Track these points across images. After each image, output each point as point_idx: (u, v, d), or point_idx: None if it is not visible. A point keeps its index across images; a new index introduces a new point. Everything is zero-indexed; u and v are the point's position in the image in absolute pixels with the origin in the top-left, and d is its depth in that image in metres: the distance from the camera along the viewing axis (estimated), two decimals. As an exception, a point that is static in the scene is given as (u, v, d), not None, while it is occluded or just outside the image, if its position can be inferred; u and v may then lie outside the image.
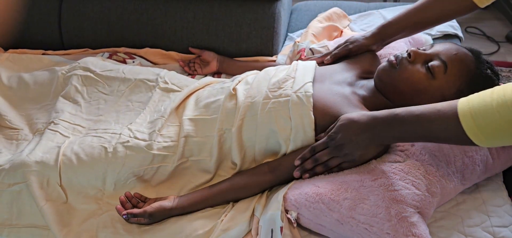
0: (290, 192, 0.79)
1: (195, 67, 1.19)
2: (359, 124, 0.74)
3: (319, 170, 0.78)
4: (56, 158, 0.84)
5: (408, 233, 0.70)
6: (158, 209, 0.80)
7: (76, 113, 0.97)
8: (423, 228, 0.72)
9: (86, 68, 1.04)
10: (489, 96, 0.61)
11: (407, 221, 0.71)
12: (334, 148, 0.76)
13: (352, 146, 0.75)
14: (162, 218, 0.81)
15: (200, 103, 0.92)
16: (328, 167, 0.78)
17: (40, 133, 0.93)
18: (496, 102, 0.60)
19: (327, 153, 0.77)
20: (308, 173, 0.79)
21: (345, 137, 0.74)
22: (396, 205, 0.73)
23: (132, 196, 0.83)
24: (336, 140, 0.75)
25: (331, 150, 0.76)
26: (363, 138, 0.74)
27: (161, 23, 1.23)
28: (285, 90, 0.84)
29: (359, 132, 0.74)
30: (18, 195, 0.83)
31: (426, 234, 0.72)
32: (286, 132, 0.82)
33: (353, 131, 0.74)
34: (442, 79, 0.82)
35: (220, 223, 0.78)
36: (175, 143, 0.87)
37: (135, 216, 0.79)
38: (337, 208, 0.75)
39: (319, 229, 0.78)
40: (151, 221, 0.81)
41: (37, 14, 1.28)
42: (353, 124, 0.74)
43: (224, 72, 1.18)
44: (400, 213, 0.72)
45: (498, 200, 0.84)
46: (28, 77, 1.07)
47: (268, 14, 1.19)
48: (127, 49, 1.24)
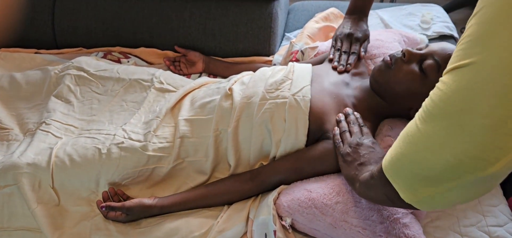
0: (282, 198, 0.79)
1: (181, 66, 1.18)
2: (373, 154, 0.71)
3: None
4: (48, 160, 0.83)
5: (401, 235, 0.71)
6: (137, 204, 0.80)
7: (68, 112, 0.96)
8: (416, 229, 0.72)
9: (79, 67, 1.03)
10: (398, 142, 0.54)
11: (399, 223, 0.72)
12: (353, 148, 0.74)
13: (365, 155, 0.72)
14: (140, 215, 0.81)
15: (195, 103, 0.91)
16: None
17: (31, 134, 0.92)
18: (400, 143, 0.54)
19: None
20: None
21: (365, 145, 0.73)
22: (387, 207, 0.73)
23: (115, 192, 0.83)
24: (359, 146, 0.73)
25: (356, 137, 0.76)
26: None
27: (157, 22, 1.22)
28: (283, 92, 0.84)
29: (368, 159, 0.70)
30: (9, 198, 0.82)
31: (419, 234, 0.72)
32: (279, 134, 0.82)
33: (371, 149, 0.72)
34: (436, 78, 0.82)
35: (216, 225, 0.78)
36: (171, 144, 0.86)
37: (113, 209, 0.79)
38: (330, 212, 0.75)
39: (314, 233, 0.79)
40: (129, 217, 0.80)
41: (31, 13, 1.26)
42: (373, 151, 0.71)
43: (211, 73, 1.17)
44: (392, 215, 0.72)
45: (494, 200, 0.85)
46: (20, 77, 1.05)
47: (265, 14, 1.19)
48: (122, 49, 1.23)
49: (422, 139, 0.50)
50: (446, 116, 0.47)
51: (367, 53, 1.01)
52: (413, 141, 0.51)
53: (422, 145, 0.50)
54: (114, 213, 0.80)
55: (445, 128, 0.47)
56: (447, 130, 0.46)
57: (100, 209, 0.80)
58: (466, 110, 0.45)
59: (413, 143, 0.51)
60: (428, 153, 0.49)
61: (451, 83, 0.47)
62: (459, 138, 0.45)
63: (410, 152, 0.52)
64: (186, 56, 1.18)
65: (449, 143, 0.46)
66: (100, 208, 0.80)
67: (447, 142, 0.46)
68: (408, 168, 0.52)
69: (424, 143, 0.49)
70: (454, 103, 0.46)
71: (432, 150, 0.48)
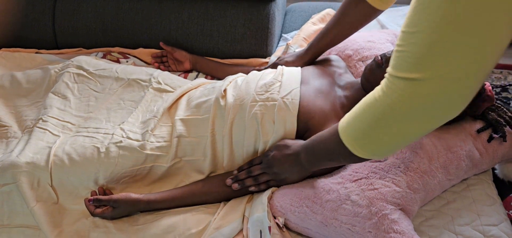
0: (275, 198, 0.80)
1: (169, 63, 1.19)
2: (290, 148, 0.78)
3: (249, 182, 0.82)
4: (47, 159, 0.84)
5: (390, 230, 0.71)
6: (124, 197, 0.81)
7: (64, 108, 0.96)
8: (405, 224, 0.73)
9: (79, 66, 1.04)
10: (360, 102, 0.59)
11: (388, 219, 0.73)
12: (266, 164, 0.80)
13: (280, 167, 0.79)
14: (127, 209, 0.82)
15: (191, 103, 0.92)
16: (257, 182, 0.82)
17: (28, 131, 0.92)
18: (358, 108, 0.59)
19: (260, 168, 0.81)
20: (239, 183, 0.82)
21: (275, 156, 0.79)
22: (376, 203, 0.74)
23: (103, 191, 0.84)
24: (269, 157, 0.80)
25: (264, 166, 0.81)
26: (289, 161, 0.78)
27: (155, 23, 1.23)
28: (272, 94, 0.85)
29: (288, 154, 0.78)
30: (8, 196, 0.83)
31: (408, 230, 0.72)
32: (267, 135, 0.83)
33: (284, 152, 0.78)
34: None
35: (213, 221, 0.79)
36: (168, 143, 0.87)
37: (100, 202, 0.80)
38: (321, 211, 0.76)
39: (307, 232, 0.80)
40: (116, 212, 0.81)
41: (31, 13, 1.27)
42: (286, 147, 0.79)
43: (199, 72, 1.18)
44: (380, 211, 0.73)
45: (488, 199, 0.85)
46: (21, 76, 1.06)
47: (263, 15, 1.20)
48: (121, 49, 1.24)
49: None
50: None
51: (359, 55, 1.02)
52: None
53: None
54: (100, 210, 0.81)
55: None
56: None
57: (88, 206, 0.81)
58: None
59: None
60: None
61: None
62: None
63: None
64: (173, 54, 1.19)
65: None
66: (87, 205, 0.81)
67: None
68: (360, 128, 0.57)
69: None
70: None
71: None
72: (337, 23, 0.94)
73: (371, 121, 0.55)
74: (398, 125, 0.53)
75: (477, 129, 0.88)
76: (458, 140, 0.86)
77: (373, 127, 0.55)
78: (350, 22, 0.93)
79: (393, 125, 0.53)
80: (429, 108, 0.49)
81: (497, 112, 0.88)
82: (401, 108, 0.50)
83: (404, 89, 0.49)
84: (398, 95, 0.50)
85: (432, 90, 0.47)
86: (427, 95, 0.47)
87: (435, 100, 0.47)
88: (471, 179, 0.89)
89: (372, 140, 0.57)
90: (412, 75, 0.47)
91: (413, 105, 0.49)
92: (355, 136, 0.58)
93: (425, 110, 0.49)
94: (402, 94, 0.49)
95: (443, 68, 0.45)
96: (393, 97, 0.50)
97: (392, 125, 0.53)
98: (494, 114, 0.88)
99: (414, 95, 0.48)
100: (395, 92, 0.50)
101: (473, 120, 0.91)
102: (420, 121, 0.51)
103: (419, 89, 0.47)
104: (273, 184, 0.82)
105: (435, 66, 0.45)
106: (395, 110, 0.51)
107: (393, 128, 0.53)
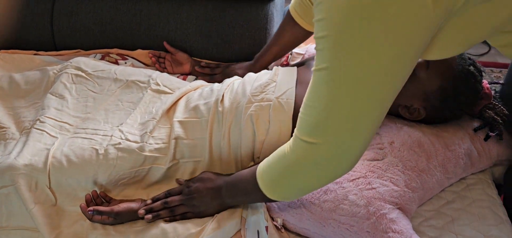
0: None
1: (166, 64, 1.19)
2: (213, 181, 0.79)
3: (164, 214, 0.80)
4: (45, 161, 0.84)
5: (388, 230, 0.71)
6: (125, 209, 0.80)
7: (62, 108, 0.96)
8: (403, 224, 0.73)
9: (77, 67, 1.04)
10: (276, 151, 0.67)
11: (386, 218, 0.72)
12: (187, 196, 0.79)
13: (201, 199, 0.78)
14: (128, 219, 0.81)
15: (189, 105, 0.92)
16: (173, 213, 0.79)
17: (26, 132, 0.92)
18: (272, 158, 0.67)
19: (179, 199, 0.79)
20: (153, 215, 0.80)
21: (198, 189, 0.78)
22: (374, 203, 0.74)
23: (97, 195, 0.83)
24: (191, 189, 0.79)
25: (183, 197, 0.79)
26: (211, 194, 0.78)
27: (154, 24, 1.23)
28: (267, 94, 0.85)
29: (210, 188, 0.78)
30: (6, 198, 0.83)
31: (406, 229, 0.72)
32: (262, 135, 0.83)
33: (207, 185, 0.78)
34: (424, 75, 0.83)
35: (212, 222, 0.79)
36: (167, 145, 0.87)
37: (100, 213, 0.79)
38: (318, 211, 0.76)
39: (305, 232, 0.80)
40: (117, 221, 0.81)
41: (30, 14, 1.27)
42: (209, 180, 0.79)
43: (197, 76, 1.18)
44: (378, 211, 0.73)
45: (488, 199, 0.85)
46: (19, 77, 1.06)
47: (261, 15, 1.20)
48: (119, 50, 1.24)
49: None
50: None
51: None
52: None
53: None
54: (100, 217, 0.80)
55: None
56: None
57: (86, 213, 0.80)
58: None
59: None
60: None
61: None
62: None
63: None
64: (174, 55, 1.19)
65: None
66: (85, 212, 0.80)
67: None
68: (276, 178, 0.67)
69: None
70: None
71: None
72: (276, 43, 1.05)
73: (281, 171, 0.65)
74: (300, 177, 0.63)
75: (474, 128, 0.88)
76: (456, 139, 0.86)
77: (282, 177, 0.65)
78: (288, 42, 1.04)
79: (296, 177, 0.63)
80: (323, 167, 0.59)
81: (494, 110, 0.88)
82: (302, 164, 0.61)
83: (304, 150, 0.59)
84: (299, 154, 0.60)
85: (324, 153, 0.57)
86: (321, 156, 0.58)
87: (328, 161, 0.58)
88: (470, 178, 0.89)
89: (281, 187, 0.67)
90: (310, 139, 0.57)
91: (310, 163, 0.60)
92: (268, 182, 0.67)
93: (320, 168, 0.60)
94: (302, 154, 0.59)
95: (332, 136, 0.55)
96: (296, 154, 0.61)
97: (296, 177, 0.63)
98: (492, 112, 0.87)
99: (311, 156, 0.59)
100: (298, 151, 0.60)
101: (471, 119, 0.91)
102: (317, 176, 0.62)
103: (315, 151, 0.58)
104: (190, 216, 0.79)
105: (326, 134, 0.56)
106: (297, 166, 0.61)
107: (297, 179, 0.64)
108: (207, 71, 1.16)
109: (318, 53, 0.52)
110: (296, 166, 0.61)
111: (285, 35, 1.02)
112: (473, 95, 0.85)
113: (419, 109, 0.86)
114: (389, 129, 0.86)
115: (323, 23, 0.49)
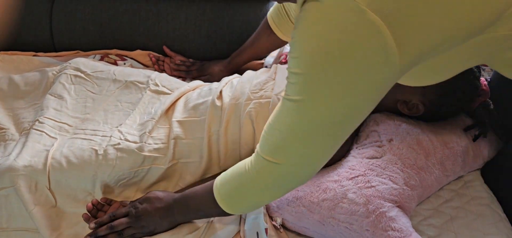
0: None
1: (165, 67, 1.19)
2: (161, 200, 0.78)
3: (112, 237, 0.77)
4: (44, 162, 0.84)
5: (387, 228, 0.71)
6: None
7: (61, 109, 0.96)
8: (403, 221, 0.73)
9: (76, 68, 1.04)
10: (235, 166, 0.70)
11: (385, 216, 0.72)
12: (134, 217, 0.77)
13: (149, 219, 0.77)
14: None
15: (188, 105, 0.92)
16: (122, 236, 0.77)
17: (26, 133, 0.92)
18: (234, 171, 0.70)
19: (126, 222, 0.77)
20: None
21: (146, 209, 0.77)
22: (373, 201, 0.74)
23: (97, 202, 0.83)
24: (138, 210, 0.77)
25: (131, 219, 0.77)
26: (160, 214, 0.77)
27: (153, 25, 1.23)
28: (266, 92, 0.86)
29: (159, 208, 0.77)
30: (6, 199, 0.83)
31: (406, 227, 0.72)
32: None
33: (156, 205, 0.77)
34: None
35: (210, 224, 0.79)
36: (166, 145, 0.87)
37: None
38: (318, 210, 0.76)
39: (304, 231, 0.80)
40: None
41: (29, 15, 1.27)
42: (157, 200, 0.78)
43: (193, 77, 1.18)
44: (378, 209, 0.73)
45: (487, 197, 0.85)
46: (18, 78, 1.06)
47: (259, 15, 1.20)
48: (118, 51, 1.24)
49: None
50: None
51: None
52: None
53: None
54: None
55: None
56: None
57: (86, 221, 0.79)
58: None
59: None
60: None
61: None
62: None
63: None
64: (174, 59, 1.19)
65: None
66: (89, 224, 0.78)
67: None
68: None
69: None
70: None
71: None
72: (252, 46, 1.09)
73: (239, 186, 0.68)
74: (258, 192, 0.67)
75: (464, 127, 0.89)
76: (454, 137, 0.86)
77: (240, 192, 0.69)
78: (264, 48, 1.09)
79: (254, 192, 0.67)
80: (281, 183, 0.65)
81: (488, 109, 0.87)
82: (261, 180, 0.65)
83: (265, 167, 0.63)
84: (260, 171, 0.64)
85: (284, 172, 0.62)
86: (280, 174, 0.63)
87: (286, 178, 0.64)
88: (468, 175, 0.90)
89: (239, 201, 0.70)
90: (272, 159, 0.62)
91: (271, 180, 0.64)
92: (226, 197, 0.70)
93: (278, 184, 0.65)
94: (263, 171, 0.64)
95: (293, 158, 0.61)
96: (257, 171, 0.64)
97: (254, 191, 0.67)
98: (486, 111, 0.87)
99: (272, 173, 0.63)
100: (259, 168, 0.64)
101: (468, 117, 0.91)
102: (274, 191, 0.67)
103: (276, 170, 0.62)
104: (139, 236, 0.77)
105: (288, 156, 0.61)
106: (257, 181, 0.65)
107: (255, 194, 0.68)
108: (183, 68, 1.18)
109: (290, 85, 0.57)
110: (256, 182, 0.66)
111: (261, 40, 1.07)
112: (471, 91, 0.86)
113: (418, 105, 0.86)
114: (387, 127, 0.86)
115: (296, 61, 0.54)
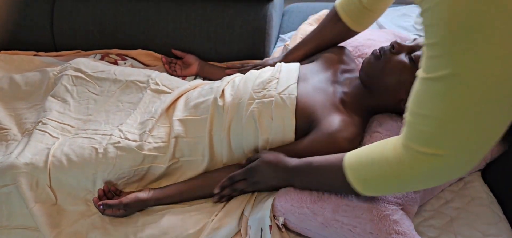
0: (276, 198, 0.80)
1: (176, 68, 1.19)
2: (278, 169, 0.79)
3: (235, 195, 0.83)
4: (45, 160, 0.84)
5: (391, 231, 0.71)
6: (133, 200, 0.82)
7: (64, 111, 0.97)
8: (406, 225, 0.73)
9: (77, 68, 1.05)
10: (370, 150, 0.67)
11: (389, 219, 0.72)
12: (251, 182, 0.81)
13: (264, 183, 0.81)
14: (137, 209, 0.83)
15: (189, 104, 0.92)
16: (242, 193, 0.83)
17: (28, 133, 0.93)
18: (371, 158, 0.66)
19: (244, 184, 0.82)
20: (225, 198, 0.83)
21: (263, 175, 0.80)
22: (377, 204, 0.73)
23: (109, 189, 0.84)
24: (255, 177, 0.80)
25: (248, 183, 0.81)
26: (277, 180, 0.80)
27: (153, 24, 1.23)
28: (269, 91, 0.85)
29: (276, 176, 0.79)
30: (7, 197, 0.83)
31: (410, 230, 0.72)
32: (266, 133, 0.83)
33: (271, 173, 0.79)
34: None
35: (211, 222, 0.79)
36: (166, 144, 0.87)
37: (110, 207, 0.81)
38: (321, 212, 0.75)
39: (306, 233, 0.79)
40: (127, 212, 0.82)
41: (29, 15, 1.28)
42: (273, 167, 0.79)
43: (205, 76, 1.18)
44: (381, 212, 0.73)
45: (486, 197, 0.85)
46: (19, 78, 1.06)
47: (260, 16, 1.20)
48: (119, 51, 1.24)
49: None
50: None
51: (358, 52, 1.02)
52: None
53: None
54: (111, 210, 0.81)
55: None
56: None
57: (97, 207, 0.81)
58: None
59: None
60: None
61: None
62: None
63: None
64: (184, 58, 1.19)
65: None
66: (97, 206, 0.81)
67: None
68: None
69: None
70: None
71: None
72: (316, 38, 1.01)
73: (381, 175, 0.63)
74: (407, 183, 0.61)
75: None
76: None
77: (381, 180, 0.64)
78: (328, 39, 0.99)
79: (402, 182, 0.62)
80: (441, 176, 0.57)
81: None
82: (416, 174, 0.58)
83: (421, 161, 0.55)
84: (414, 165, 0.56)
85: (447, 162, 0.54)
86: (442, 166, 0.55)
87: (449, 170, 0.56)
88: (469, 176, 0.89)
89: (377, 187, 0.66)
90: (429, 150, 0.54)
91: (428, 173, 0.57)
92: (361, 180, 0.67)
93: (437, 177, 0.58)
94: (419, 165, 0.56)
95: (458, 147, 0.52)
96: (410, 165, 0.57)
97: (402, 182, 0.61)
98: None
99: (431, 166, 0.55)
100: (411, 162, 0.57)
101: None
102: (431, 183, 0.61)
103: (436, 162, 0.54)
104: (250, 191, 0.83)
105: (451, 145, 0.52)
106: (409, 175, 0.58)
107: (402, 184, 0.62)
108: (237, 66, 1.14)
109: (429, 60, 0.48)
110: (408, 176, 0.58)
111: (325, 31, 0.98)
112: None
113: None
114: (390, 127, 0.86)
115: (435, 29, 0.45)
